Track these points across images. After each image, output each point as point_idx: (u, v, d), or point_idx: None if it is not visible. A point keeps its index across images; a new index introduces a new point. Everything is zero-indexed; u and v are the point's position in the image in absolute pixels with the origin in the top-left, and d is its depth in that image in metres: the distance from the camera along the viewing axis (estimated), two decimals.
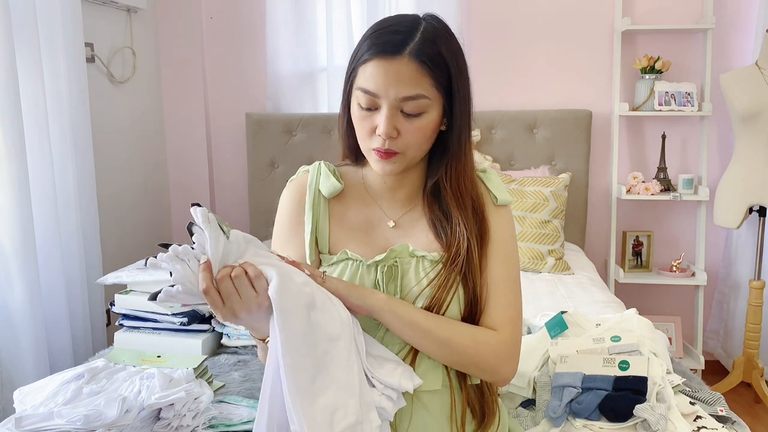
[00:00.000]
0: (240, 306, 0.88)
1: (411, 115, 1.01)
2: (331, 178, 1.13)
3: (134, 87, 2.81)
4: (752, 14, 2.89)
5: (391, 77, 0.98)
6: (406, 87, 0.99)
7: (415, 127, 1.01)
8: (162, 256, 0.90)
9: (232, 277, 0.87)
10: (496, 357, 1.04)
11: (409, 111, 1.00)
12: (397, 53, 0.98)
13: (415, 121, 1.01)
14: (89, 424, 1.20)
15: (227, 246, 0.89)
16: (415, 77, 0.99)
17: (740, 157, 2.69)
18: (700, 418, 1.26)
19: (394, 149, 1.02)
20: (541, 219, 2.65)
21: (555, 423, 1.28)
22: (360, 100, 1.02)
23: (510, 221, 1.14)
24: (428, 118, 1.02)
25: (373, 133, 1.03)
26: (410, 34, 1.00)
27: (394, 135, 1.01)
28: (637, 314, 1.62)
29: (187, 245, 0.90)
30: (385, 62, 0.99)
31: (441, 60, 1.00)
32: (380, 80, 0.99)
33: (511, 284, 1.09)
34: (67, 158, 2.11)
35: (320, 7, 2.98)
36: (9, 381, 1.88)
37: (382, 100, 1.00)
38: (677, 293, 3.09)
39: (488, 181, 1.14)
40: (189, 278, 0.88)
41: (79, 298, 2.17)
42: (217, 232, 0.88)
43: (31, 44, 1.95)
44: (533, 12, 2.97)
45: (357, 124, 1.05)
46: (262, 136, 2.98)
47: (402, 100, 0.99)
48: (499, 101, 3.01)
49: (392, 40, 0.99)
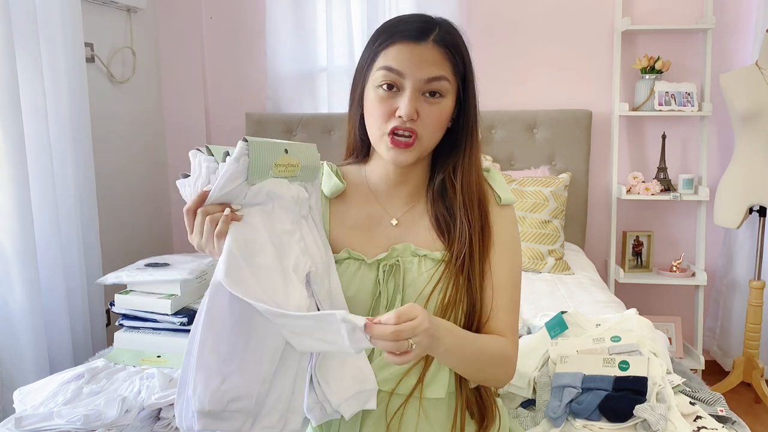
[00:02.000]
0: (199, 244, 0.92)
1: (432, 98, 1.03)
2: (333, 178, 1.13)
3: (134, 87, 2.81)
4: (752, 14, 2.89)
5: (416, 59, 1.02)
6: (431, 69, 1.02)
7: (434, 110, 1.04)
8: (195, 156, 0.92)
9: (207, 218, 0.89)
10: (511, 369, 1.07)
11: (432, 90, 1.03)
12: (423, 39, 1.03)
13: (436, 103, 1.04)
14: (89, 424, 1.21)
15: (240, 189, 0.89)
16: (439, 61, 1.03)
17: (740, 157, 2.69)
18: (700, 418, 1.26)
19: (413, 128, 1.03)
20: (541, 219, 2.65)
21: (555, 423, 1.28)
22: (383, 79, 1.03)
23: (514, 221, 1.13)
24: (446, 104, 1.05)
25: (391, 115, 1.03)
26: (432, 24, 1.05)
27: (414, 117, 1.02)
28: (637, 314, 1.62)
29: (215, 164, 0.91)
30: (411, 45, 1.03)
31: (459, 50, 1.05)
32: (406, 61, 1.02)
33: (515, 288, 1.10)
34: (67, 158, 2.11)
35: (320, 7, 2.98)
36: (9, 381, 1.88)
37: (406, 80, 1.02)
38: (677, 293, 3.09)
39: (492, 180, 1.13)
40: (190, 190, 0.93)
41: (79, 298, 2.16)
42: (237, 173, 0.88)
43: (31, 44, 1.95)
44: (533, 12, 2.97)
45: (375, 107, 1.05)
46: (262, 135, 2.97)
47: (426, 81, 1.02)
48: (499, 101, 3.01)
49: (417, 27, 1.04)
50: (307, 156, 0.98)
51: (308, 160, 0.98)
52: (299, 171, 0.97)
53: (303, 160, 0.97)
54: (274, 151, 0.92)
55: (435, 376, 1.05)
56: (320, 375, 0.95)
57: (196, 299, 1.81)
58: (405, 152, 1.04)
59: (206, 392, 0.86)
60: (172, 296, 1.73)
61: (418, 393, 1.04)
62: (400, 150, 1.03)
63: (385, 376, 1.04)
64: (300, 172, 0.97)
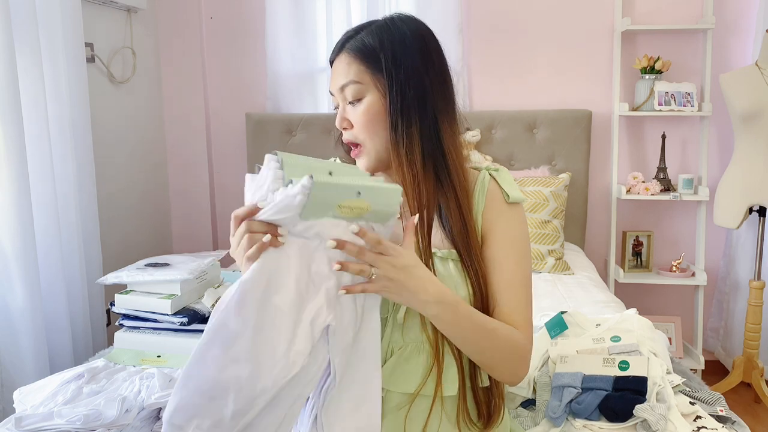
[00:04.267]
0: (233, 252, 0.90)
1: (352, 103, 1.08)
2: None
3: (134, 87, 2.81)
4: (752, 14, 2.89)
5: (333, 74, 1.11)
6: (340, 77, 1.08)
7: (357, 113, 1.08)
8: (269, 162, 0.88)
9: (246, 235, 0.88)
10: (524, 361, 1.06)
11: (350, 99, 1.08)
12: (338, 53, 1.10)
13: (357, 106, 1.08)
14: (89, 424, 1.21)
15: (291, 219, 0.85)
16: (346, 66, 1.08)
17: (740, 157, 2.69)
18: (700, 418, 1.26)
19: (351, 139, 1.09)
20: (541, 219, 2.65)
21: (555, 423, 1.28)
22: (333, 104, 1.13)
23: (523, 219, 1.13)
24: (367, 102, 1.07)
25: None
26: (355, 33, 1.10)
27: (346, 125, 1.09)
28: (637, 314, 1.62)
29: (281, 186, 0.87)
30: (333, 63, 1.11)
31: (370, 45, 1.07)
32: (330, 80, 1.12)
33: (528, 283, 1.10)
34: (67, 158, 2.11)
35: (320, 7, 2.98)
36: (9, 381, 1.88)
37: (334, 97, 1.11)
38: (677, 293, 3.09)
39: (500, 178, 1.13)
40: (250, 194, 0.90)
41: (79, 298, 2.16)
42: (291, 207, 0.83)
43: (31, 44, 1.95)
44: (533, 12, 2.97)
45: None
46: (262, 136, 2.98)
47: (341, 90, 1.09)
48: (499, 101, 3.01)
49: (338, 42, 1.10)
50: (383, 201, 0.88)
51: (383, 204, 0.89)
52: (367, 213, 0.88)
53: (376, 204, 0.88)
54: (342, 193, 0.85)
55: (446, 373, 1.05)
56: (325, 418, 0.92)
57: (197, 299, 1.81)
58: (360, 160, 1.10)
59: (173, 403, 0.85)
60: (173, 296, 1.73)
61: (439, 393, 1.04)
62: (356, 158, 1.10)
63: (405, 378, 1.04)
64: (368, 215, 0.88)
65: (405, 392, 1.04)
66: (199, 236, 3.16)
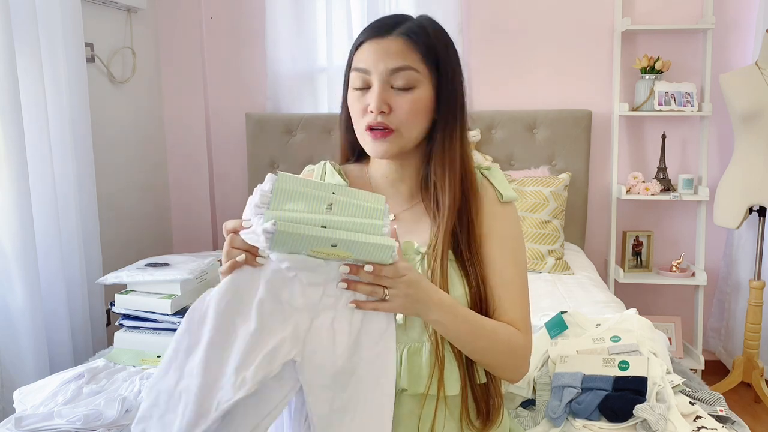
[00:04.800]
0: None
1: (401, 90, 1.03)
2: (336, 176, 1.14)
3: (134, 87, 2.81)
4: (752, 14, 2.89)
5: (380, 53, 1.04)
6: (393, 59, 1.03)
7: (405, 101, 1.03)
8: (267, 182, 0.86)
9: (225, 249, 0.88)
10: (523, 360, 1.07)
11: (400, 84, 1.03)
12: (387, 33, 1.05)
13: (406, 95, 1.03)
14: (89, 424, 1.21)
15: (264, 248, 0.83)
16: (403, 50, 1.03)
17: (740, 157, 2.69)
18: (700, 418, 1.26)
19: (386, 124, 1.03)
20: (541, 219, 2.65)
21: (555, 423, 1.28)
22: (354, 81, 1.06)
23: (516, 218, 1.14)
24: (419, 93, 1.04)
25: (366, 111, 1.04)
26: (399, 19, 1.07)
27: (385, 109, 1.03)
28: (637, 314, 1.62)
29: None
30: (376, 41, 1.04)
31: (429, 39, 1.05)
32: (370, 57, 1.04)
33: (524, 282, 1.11)
34: (67, 158, 2.11)
35: (320, 7, 2.98)
36: (9, 381, 1.88)
37: (372, 76, 1.04)
38: (677, 293, 3.09)
39: (492, 178, 1.14)
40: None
41: (79, 298, 2.16)
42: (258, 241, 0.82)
43: (31, 44, 1.95)
44: (533, 12, 2.96)
45: (352, 108, 1.07)
46: (262, 136, 2.98)
47: (391, 72, 1.03)
48: (499, 101, 3.00)
49: (384, 23, 1.06)
50: (370, 255, 0.84)
51: (370, 257, 0.84)
52: (349, 259, 0.85)
53: (361, 255, 0.84)
54: (312, 243, 0.81)
55: (449, 372, 1.05)
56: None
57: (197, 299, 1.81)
58: (384, 142, 1.04)
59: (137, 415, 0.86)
60: (172, 296, 1.73)
61: (443, 392, 1.04)
62: (378, 141, 1.04)
63: (413, 378, 1.04)
64: (351, 260, 0.85)
65: (415, 393, 1.04)
66: (199, 236, 3.16)
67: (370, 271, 0.86)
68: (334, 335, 0.87)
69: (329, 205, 0.85)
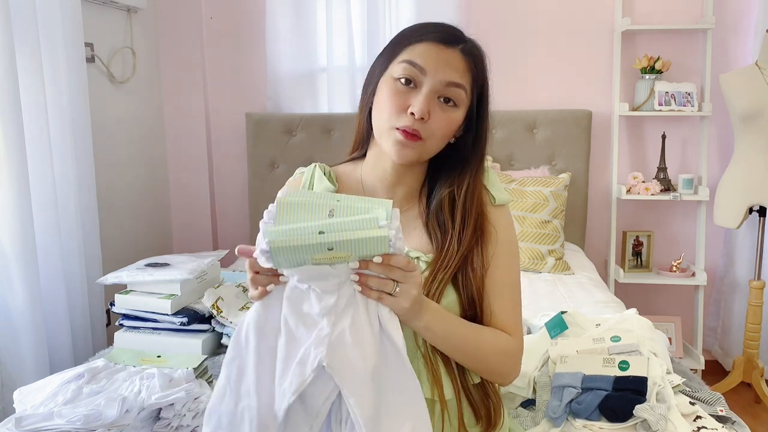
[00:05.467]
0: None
1: (446, 104, 1.04)
2: (324, 180, 1.13)
3: (134, 87, 2.81)
4: (752, 14, 2.89)
5: (443, 61, 1.03)
6: (454, 73, 1.03)
7: (445, 116, 1.04)
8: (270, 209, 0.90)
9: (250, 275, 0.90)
10: (514, 365, 1.07)
11: (449, 96, 1.03)
12: (453, 44, 1.04)
13: (448, 110, 1.04)
14: (89, 424, 1.21)
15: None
16: (462, 69, 1.04)
17: (740, 157, 2.69)
18: (700, 418, 1.26)
19: (420, 132, 1.02)
20: (541, 219, 2.65)
21: (555, 423, 1.28)
22: (402, 72, 1.03)
23: (509, 221, 1.14)
24: (458, 114, 1.05)
25: (403, 110, 1.02)
26: (463, 35, 1.08)
27: (426, 117, 1.01)
28: (637, 314, 1.62)
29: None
30: (440, 47, 1.03)
31: (482, 67, 1.08)
32: (431, 59, 1.02)
33: (516, 286, 1.10)
34: (67, 158, 2.11)
35: (320, 7, 2.98)
36: (9, 381, 1.88)
37: (427, 78, 1.02)
38: (677, 293, 3.09)
39: (486, 180, 1.13)
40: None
41: (79, 298, 2.16)
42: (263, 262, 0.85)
43: (31, 44, 1.94)
44: (533, 12, 2.97)
45: (388, 99, 1.03)
46: (262, 136, 2.98)
47: (446, 85, 1.02)
48: (499, 101, 2.96)
49: (449, 32, 1.05)
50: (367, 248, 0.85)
51: (369, 249, 0.86)
52: (352, 258, 0.87)
53: (360, 251, 0.85)
54: (310, 251, 0.83)
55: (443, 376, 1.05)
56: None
57: (197, 299, 1.81)
58: (408, 147, 1.02)
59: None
60: (172, 296, 1.73)
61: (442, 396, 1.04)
62: (404, 143, 1.02)
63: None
64: (354, 257, 0.87)
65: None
66: (199, 236, 3.16)
67: (380, 261, 0.86)
68: (357, 334, 0.89)
69: (331, 211, 0.87)
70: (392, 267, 0.87)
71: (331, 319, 0.88)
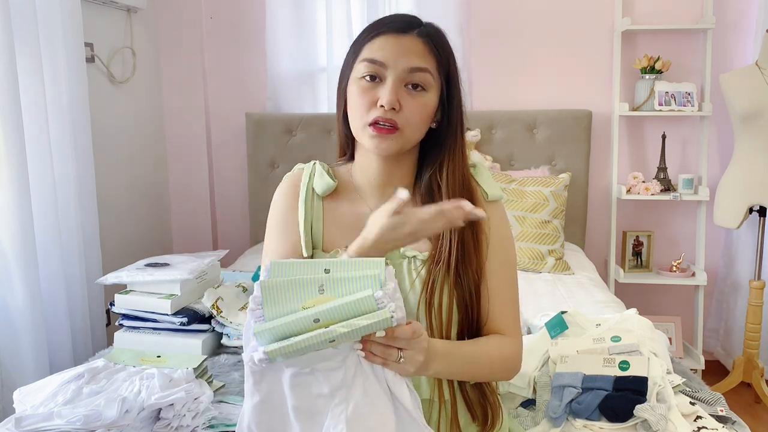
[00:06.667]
0: None
1: (414, 90, 1.03)
2: (325, 177, 1.13)
3: (134, 87, 2.81)
4: (752, 14, 2.89)
5: (400, 49, 1.03)
6: (414, 58, 1.02)
7: (417, 102, 1.03)
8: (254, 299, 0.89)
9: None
10: (516, 366, 1.08)
11: (415, 82, 1.02)
12: (408, 30, 1.04)
13: (418, 96, 1.03)
14: (89, 425, 1.20)
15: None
16: (422, 53, 1.03)
17: (740, 157, 2.69)
18: (700, 418, 1.26)
19: (395, 121, 1.01)
20: (541, 219, 2.65)
21: (555, 423, 1.28)
22: (365, 70, 1.03)
23: (504, 217, 1.12)
24: (429, 97, 1.04)
25: (373, 105, 1.02)
26: (417, 20, 1.06)
27: (396, 106, 1.01)
28: (637, 314, 1.62)
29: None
30: (395, 37, 1.04)
31: (443, 47, 1.05)
32: (389, 51, 1.02)
33: (512, 285, 1.10)
34: (67, 158, 2.11)
35: (320, 7, 2.98)
36: (9, 381, 1.88)
37: (389, 70, 1.02)
38: (677, 293, 3.09)
39: (478, 176, 1.12)
40: None
41: (79, 298, 2.16)
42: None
43: (31, 44, 1.94)
44: (533, 12, 2.96)
45: (356, 99, 1.04)
46: (262, 136, 2.98)
47: (409, 71, 1.02)
48: (499, 101, 3.00)
49: (402, 20, 1.05)
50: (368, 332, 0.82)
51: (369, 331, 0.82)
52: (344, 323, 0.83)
53: (360, 336, 0.83)
54: (295, 327, 0.81)
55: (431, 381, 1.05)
56: None
57: (196, 299, 1.81)
58: (387, 139, 1.02)
59: None
60: (172, 296, 1.73)
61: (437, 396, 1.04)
62: (382, 137, 1.02)
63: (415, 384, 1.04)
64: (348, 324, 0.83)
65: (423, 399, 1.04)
66: (199, 236, 3.16)
67: (383, 336, 0.83)
68: (372, 403, 0.87)
69: (320, 287, 0.85)
70: (396, 338, 0.85)
71: (342, 393, 0.86)
